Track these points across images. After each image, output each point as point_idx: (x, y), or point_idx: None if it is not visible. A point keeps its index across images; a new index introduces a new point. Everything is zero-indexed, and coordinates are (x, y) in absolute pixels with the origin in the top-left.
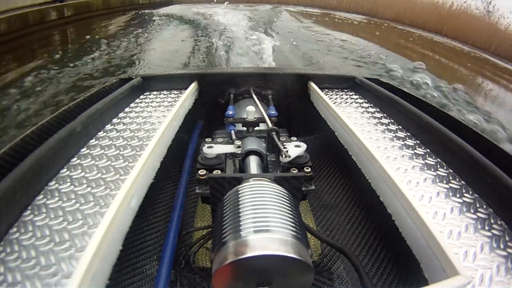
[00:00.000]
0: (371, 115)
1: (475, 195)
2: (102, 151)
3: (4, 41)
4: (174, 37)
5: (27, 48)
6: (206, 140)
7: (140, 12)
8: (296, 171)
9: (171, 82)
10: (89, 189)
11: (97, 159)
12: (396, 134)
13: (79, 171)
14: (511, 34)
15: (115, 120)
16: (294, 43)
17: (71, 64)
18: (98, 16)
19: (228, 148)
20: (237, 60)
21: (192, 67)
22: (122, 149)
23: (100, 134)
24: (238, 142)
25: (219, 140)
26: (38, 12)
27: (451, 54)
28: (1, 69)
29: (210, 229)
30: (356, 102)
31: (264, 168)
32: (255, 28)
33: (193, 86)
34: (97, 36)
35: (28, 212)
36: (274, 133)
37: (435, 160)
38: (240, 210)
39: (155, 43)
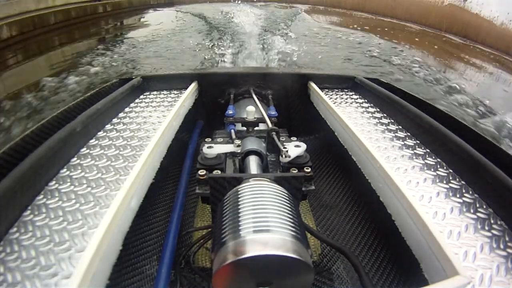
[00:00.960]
0: (371, 115)
1: (475, 195)
2: (102, 151)
3: (76, 22)
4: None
5: (91, 26)
6: (206, 140)
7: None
8: (296, 171)
9: (171, 82)
10: (89, 189)
11: (97, 159)
12: (396, 134)
13: (79, 171)
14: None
15: (115, 120)
16: None
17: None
18: (126, 12)
19: (228, 148)
20: None
21: (192, 66)
22: (122, 149)
23: (100, 134)
24: (238, 142)
25: (219, 140)
26: (93, 6)
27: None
28: (87, 34)
29: (210, 229)
30: (356, 102)
31: (264, 168)
32: None
33: (193, 86)
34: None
35: (28, 212)
36: (274, 133)
37: (435, 160)
38: (240, 210)
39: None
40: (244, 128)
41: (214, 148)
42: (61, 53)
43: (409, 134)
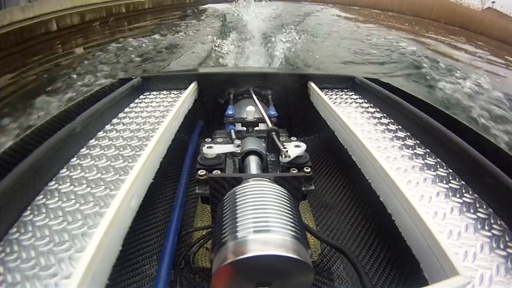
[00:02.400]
0: (371, 115)
1: (475, 195)
2: (102, 151)
3: (178, 6)
4: None
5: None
6: (206, 140)
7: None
8: (296, 171)
9: (171, 82)
10: (88, 189)
11: (97, 159)
12: (396, 134)
13: (79, 171)
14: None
15: (115, 120)
16: None
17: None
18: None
19: (228, 148)
20: None
21: (192, 66)
22: (122, 149)
23: (100, 134)
24: (237, 142)
25: (219, 140)
26: None
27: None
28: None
29: (209, 229)
30: (356, 102)
31: (264, 168)
32: None
33: (192, 86)
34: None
35: (28, 212)
36: (274, 133)
37: (435, 160)
38: (240, 210)
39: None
40: (244, 128)
41: (214, 148)
42: (174, 15)
43: (409, 134)
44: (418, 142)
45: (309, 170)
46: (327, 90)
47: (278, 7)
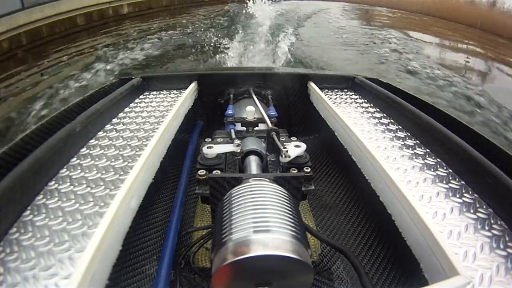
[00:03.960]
0: (371, 115)
1: (475, 195)
2: (102, 151)
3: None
4: None
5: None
6: (206, 140)
7: None
8: (296, 171)
9: (171, 82)
10: (88, 189)
11: (97, 159)
12: (396, 134)
13: (79, 171)
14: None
15: (114, 120)
16: None
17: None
18: None
19: (228, 148)
20: None
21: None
22: (121, 149)
23: (100, 134)
24: (237, 141)
25: (219, 140)
26: None
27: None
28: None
29: (209, 229)
30: (356, 102)
31: (264, 168)
32: None
33: (192, 86)
34: None
35: (28, 212)
36: (274, 133)
37: (435, 160)
38: (240, 210)
39: None
40: (244, 128)
41: (214, 148)
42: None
43: (409, 134)
44: (418, 142)
45: (309, 170)
46: (327, 90)
47: None
